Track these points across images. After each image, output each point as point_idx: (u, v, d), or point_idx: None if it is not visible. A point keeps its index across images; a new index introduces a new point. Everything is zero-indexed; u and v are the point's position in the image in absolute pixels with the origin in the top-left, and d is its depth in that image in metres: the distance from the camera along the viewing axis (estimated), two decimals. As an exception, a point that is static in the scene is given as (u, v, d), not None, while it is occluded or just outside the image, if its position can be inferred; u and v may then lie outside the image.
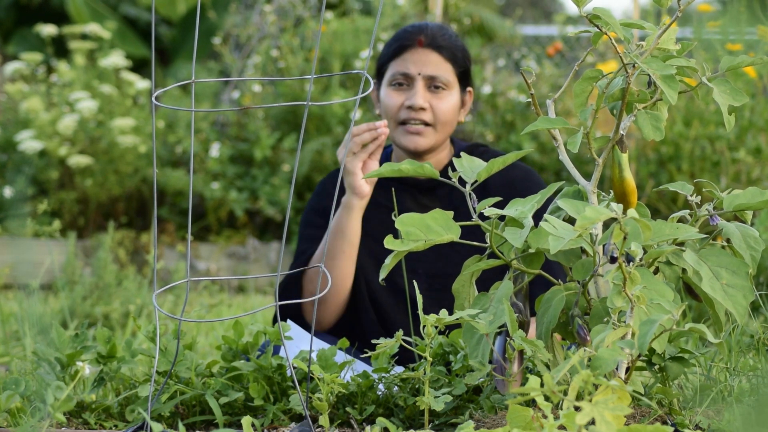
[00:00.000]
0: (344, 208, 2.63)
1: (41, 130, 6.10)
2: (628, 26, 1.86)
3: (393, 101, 2.70)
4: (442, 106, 2.68)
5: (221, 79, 1.72)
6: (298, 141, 3.94)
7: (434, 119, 2.68)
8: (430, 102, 2.68)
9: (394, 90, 2.71)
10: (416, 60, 2.69)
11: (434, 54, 2.70)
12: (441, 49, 2.70)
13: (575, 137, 1.86)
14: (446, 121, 2.69)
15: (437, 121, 2.68)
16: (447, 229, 1.88)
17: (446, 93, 2.69)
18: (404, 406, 2.01)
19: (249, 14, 7.29)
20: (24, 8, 10.51)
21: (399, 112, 2.69)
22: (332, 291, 2.65)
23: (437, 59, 2.70)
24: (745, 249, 1.82)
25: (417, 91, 2.67)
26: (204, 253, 6.04)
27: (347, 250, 2.64)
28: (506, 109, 6.21)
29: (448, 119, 2.69)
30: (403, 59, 2.70)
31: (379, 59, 2.77)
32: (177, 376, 2.09)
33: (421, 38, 2.70)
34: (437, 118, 2.68)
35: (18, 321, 3.41)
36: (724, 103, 1.86)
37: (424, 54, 2.70)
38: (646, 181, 5.73)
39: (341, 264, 2.64)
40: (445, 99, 2.69)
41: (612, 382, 1.53)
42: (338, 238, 2.64)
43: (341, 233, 2.64)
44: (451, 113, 2.70)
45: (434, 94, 2.69)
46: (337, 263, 2.64)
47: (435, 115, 2.68)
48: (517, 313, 1.88)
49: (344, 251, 2.64)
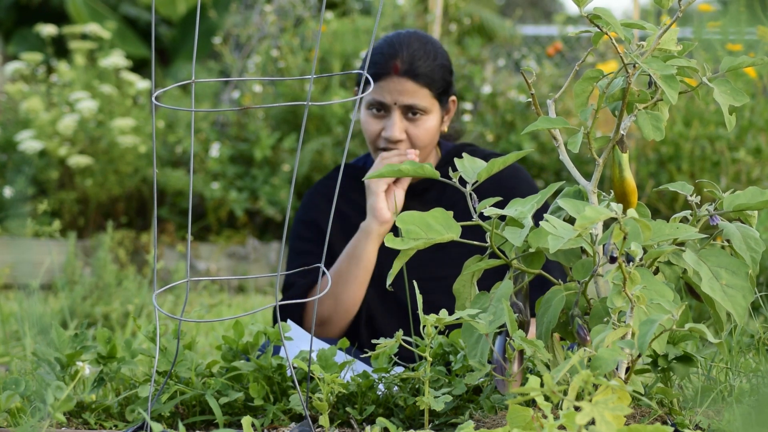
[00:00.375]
0: (363, 232, 2.60)
1: (41, 130, 6.10)
2: (629, 26, 1.86)
3: (371, 128, 2.66)
4: (419, 133, 2.64)
5: (221, 79, 1.72)
6: (298, 141, 3.94)
7: (412, 146, 2.66)
8: (407, 130, 2.64)
9: (372, 116, 2.66)
10: (392, 89, 2.63)
11: (410, 82, 2.62)
12: (417, 77, 2.62)
13: (575, 137, 1.86)
14: (426, 143, 2.67)
15: (416, 146, 2.66)
16: (447, 228, 1.88)
17: (425, 118, 2.65)
18: (404, 406, 2.01)
19: (249, 14, 7.29)
20: (24, 8, 10.52)
21: (377, 140, 2.66)
22: (340, 314, 2.63)
23: (413, 87, 2.62)
24: (746, 250, 1.82)
25: (394, 123, 2.62)
26: (204, 253, 6.04)
27: (361, 276, 2.62)
28: (506, 109, 6.21)
29: (427, 142, 2.67)
30: (379, 87, 2.63)
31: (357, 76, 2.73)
32: (177, 376, 2.09)
33: (397, 64, 2.62)
34: (415, 144, 2.65)
35: (18, 321, 3.41)
36: (725, 104, 1.86)
37: (399, 83, 2.62)
38: (646, 181, 5.73)
39: (353, 289, 2.62)
40: (423, 125, 2.65)
41: (612, 382, 1.53)
42: (353, 263, 2.61)
43: (356, 258, 2.61)
44: (429, 137, 2.66)
45: (411, 121, 2.64)
46: (349, 288, 2.62)
47: (413, 141, 2.65)
48: (517, 313, 1.88)
49: (357, 277, 2.61)
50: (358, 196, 2.74)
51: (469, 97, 6.28)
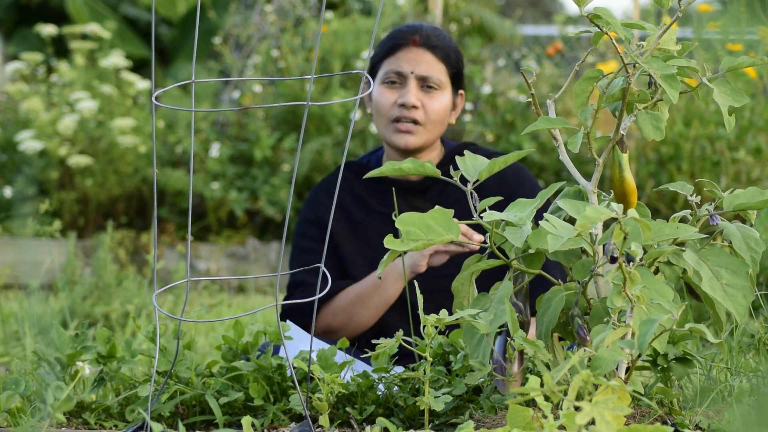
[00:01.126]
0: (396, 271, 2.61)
1: (41, 130, 6.10)
2: (629, 26, 1.86)
3: (386, 99, 2.71)
4: (434, 106, 2.69)
5: (221, 79, 1.72)
6: (298, 141, 3.94)
7: (425, 118, 2.68)
8: (422, 101, 2.68)
9: (387, 88, 2.71)
10: (410, 59, 2.70)
11: (428, 53, 2.71)
12: (435, 49, 2.71)
13: (575, 137, 1.86)
14: (437, 120, 2.70)
15: (428, 120, 2.69)
16: (447, 229, 1.88)
17: (438, 93, 2.70)
18: (404, 406, 2.01)
19: (249, 14, 7.29)
20: (24, 8, 10.52)
21: (391, 109, 2.70)
22: (350, 330, 2.64)
23: (431, 59, 2.71)
24: (746, 250, 1.82)
25: (410, 90, 2.68)
26: (204, 253, 6.05)
27: (380, 306, 2.64)
28: (506, 109, 6.21)
29: (438, 119, 2.70)
30: (396, 58, 2.71)
31: (372, 57, 2.78)
32: (177, 376, 2.09)
33: (416, 38, 2.71)
34: (428, 117, 2.69)
35: (18, 321, 3.41)
36: (724, 104, 1.86)
37: (418, 53, 2.71)
38: (646, 181, 5.73)
39: (370, 314, 2.64)
40: (437, 99, 2.70)
41: (612, 382, 1.53)
42: (376, 294, 2.63)
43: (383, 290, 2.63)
44: (442, 113, 2.71)
45: (426, 94, 2.70)
46: (366, 312, 2.64)
47: (426, 113, 2.69)
48: (517, 313, 1.88)
49: (377, 306, 2.64)
50: (364, 194, 2.75)
51: (469, 97, 6.28)
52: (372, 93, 2.76)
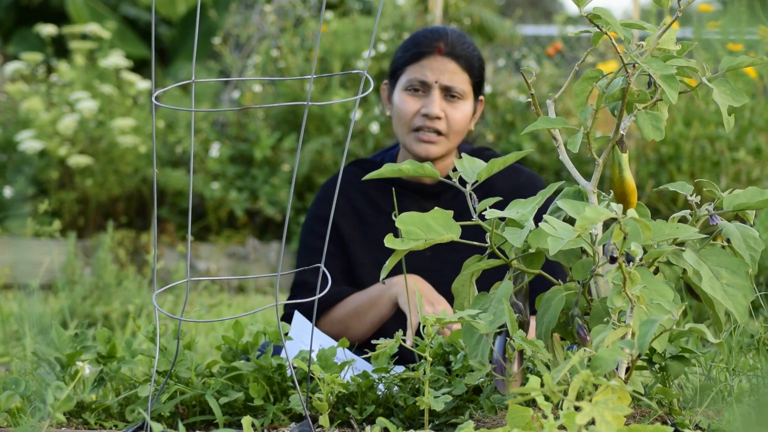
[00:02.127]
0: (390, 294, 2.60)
1: (41, 130, 6.10)
2: (629, 26, 1.86)
3: (408, 107, 2.69)
4: (457, 116, 2.68)
5: (221, 79, 1.72)
6: (298, 141, 3.94)
7: (448, 128, 2.68)
8: (445, 111, 2.67)
9: (410, 95, 2.70)
10: (434, 68, 2.68)
11: (452, 63, 2.69)
12: (459, 58, 2.69)
13: (575, 137, 1.86)
14: (459, 130, 2.70)
15: (450, 131, 2.68)
16: (447, 229, 1.88)
17: (461, 103, 2.69)
18: (404, 406, 2.01)
19: (249, 14, 7.29)
20: (24, 8, 10.51)
21: (414, 118, 2.68)
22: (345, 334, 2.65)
23: (455, 68, 2.69)
24: (745, 249, 1.82)
25: (434, 100, 2.67)
26: (204, 253, 6.04)
27: (376, 322, 2.64)
28: (506, 109, 6.21)
29: (460, 128, 2.70)
30: (420, 65, 2.69)
31: (395, 61, 2.75)
32: (177, 376, 2.09)
33: (441, 46, 2.69)
34: (451, 128, 2.68)
35: (18, 321, 3.41)
36: (724, 104, 1.86)
37: (443, 62, 2.69)
38: (646, 181, 5.73)
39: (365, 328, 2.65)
40: (460, 109, 2.69)
41: (612, 382, 1.53)
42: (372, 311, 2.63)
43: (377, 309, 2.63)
44: (464, 123, 2.70)
45: (449, 104, 2.68)
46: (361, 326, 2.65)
47: (449, 124, 2.68)
48: (517, 313, 1.88)
49: (372, 322, 2.64)
50: (375, 194, 2.74)
51: (469, 97, 6.27)
52: (393, 98, 2.74)
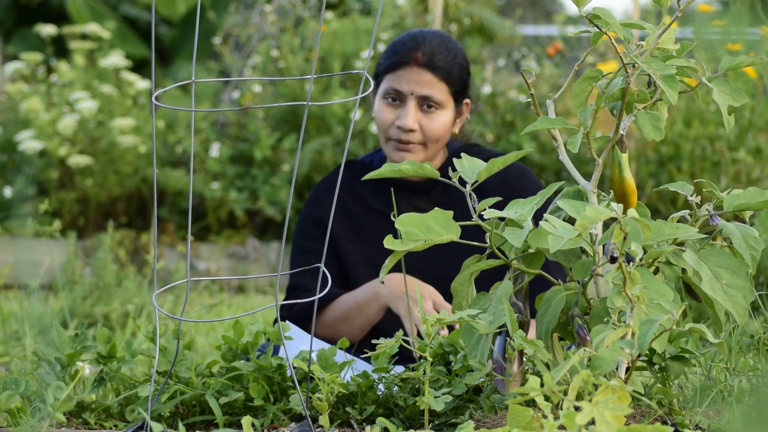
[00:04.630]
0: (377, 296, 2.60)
1: (41, 130, 6.10)
2: (628, 26, 1.86)
3: (385, 117, 2.68)
4: (432, 126, 2.66)
5: (221, 79, 1.72)
6: (298, 141, 3.94)
7: (424, 138, 2.67)
8: (420, 122, 2.65)
9: (387, 105, 2.69)
10: (410, 78, 2.66)
11: (428, 74, 2.66)
12: (436, 69, 2.66)
13: (575, 137, 1.86)
14: (437, 138, 2.68)
15: (427, 140, 2.67)
16: (447, 229, 1.88)
17: (438, 112, 2.67)
18: (404, 406, 2.01)
19: (249, 14, 7.29)
20: (24, 8, 10.52)
21: (390, 129, 2.68)
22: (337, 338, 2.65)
23: (431, 79, 2.66)
24: (745, 249, 1.82)
25: (408, 112, 2.65)
26: (204, 253, 6.05)
27: (364, 326, 2.64)
28: (506, 109, 6.21)
29: (438, 137, 2.68)
30: (396, 75, 2.67)
31: (377, 65, 2.75)
32: (177, 376, 2.09)
33: (418, 56, 2.66)
34: (427, 137, 2.67)
35: (18, 321, 3.41)
36: (724, 104, 1.86)
37: (418, 73, 2.66)
38: (646, 181, 5.73)
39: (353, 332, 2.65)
40: (437, 119, 2.66)
41: (612, 382, 1.53)
42: (360, 315, 2.63)
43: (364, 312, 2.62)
44: (441, 131, 2.68)
45: (425, 114, 2.66)
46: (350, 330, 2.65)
47: (425, 134, 2.66)
48: (517, 313, 1.88)
49: (361, 326, 2.64)
50: (365, 193, 2.74)
51: (469, 97, 6.27)
52: (374, 103, 2.73)
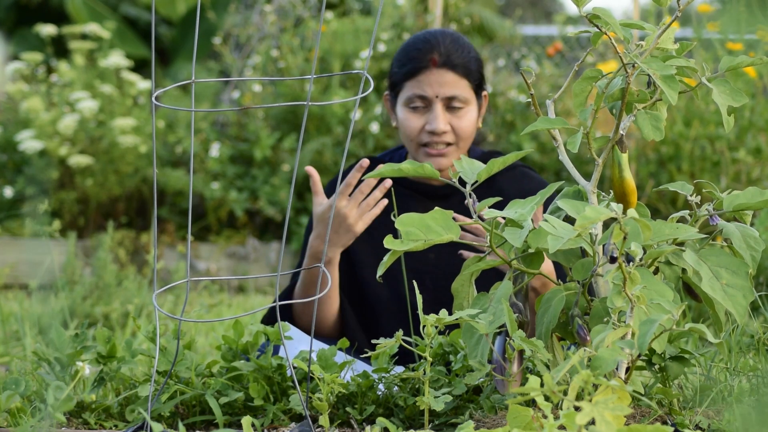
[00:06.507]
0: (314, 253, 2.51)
1: (41, 130, 6.10)
2: (628, 26, 1.86)
3: (413, 125, 2.64)
4: (463, 125, 2.64)
5: (221, 79, 1.72)
6: (298, 141, 3.94)
7: (456, 138, 2.64)
8: (450, 123, 2.63)
9: (412, 113, 2.65)
10: (432, 81, 2.63)
11: (450, 73, 2.63)
12: (456, 67, 2.63)
13: (575, 137, 1.86)
14: (467, 136, 2.66)
15: (459, 139, 2.65)
16: (447, 229, 1.88)
17: (465, 110, 2.65)
18: (404, 406, 2.01)
19: (249, 14, 7.29)
20: (24, 8, 10.51)
21: (419, 135, 2.64)
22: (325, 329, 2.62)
23: (453, 78, 2.63)
24: (745, 249, 1.82)
25: (437, 116, 2.62)
26: (204, 253, 6.05)
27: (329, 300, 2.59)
28: (506, 109, 6.21)
29: (469, 134, 2.66)
30: (418, 81, 2.64)
31: (392, 75, 2.70)
32: (177, 376, 2.09)
33: (435, 57, 2.63)
34: (459, 137, 2.64)
35: (18, 321, 3.41)
36: (724, 104, 1.86)
37: (440, 75, 2.63)
38: (646, 181, 5.73)
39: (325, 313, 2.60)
40: (465, 117, 2.65)
41: (612, 382, 1.53)
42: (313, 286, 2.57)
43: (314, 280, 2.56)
44: (471, 128, 2.66)
45: (454, 114, 2.64)
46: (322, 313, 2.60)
47: (456, 134, 2.64)
48: (516, 313, 1.89)
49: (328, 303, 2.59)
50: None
51: (469, 97, 6.27)
52: (397, 112, 2.69)
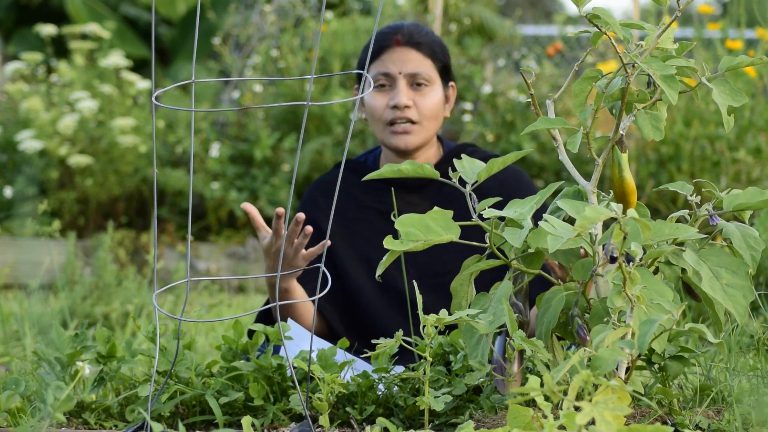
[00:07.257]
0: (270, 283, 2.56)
1: (41, 129, 6.10)
2: (628, 26, 1.86)
3: (377, 103, 2.72)
4: (426, 102, 2.70)
5: (221, 79, 1.72)
6: (298, 141, 3.94)
7: (419, 116, 2.69)
8: (413, 99, 2.69)
9: (377, 92, 2.72)
10: (395, 59, 2.71)
11: (413, 51, 2.72)
12: (419, 45, 2.72)
13: (575, 137, 1.86)
14: (432, 116, 2.71)
15: (423, 118, 2.70)
16: (446, 229, 1.88)
17: (429, 89, 2.71)
18: (404, 406, 2.01)
19: (249, 14, 7.29)
20: (24, 8, 10.51)
21: (384, 112, 2.71)
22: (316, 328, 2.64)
23: (416, 56, 2.71)
24: (745, 249, 1.82)
25: (400, 90, 2.69)
26: (204, 253, 6.04)
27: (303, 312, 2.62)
28: (506, 109, 6.21)
29: (433, 114, 2.71)
30: (382, 60, 2.72)
31: (358, 64, 2.79)
32: (177, 376, 2.09)
33: (398, 37, 2.72)
34: (422, 115, 2.70)
35: (18, 321, 3.41)
36: (724, 104, 1.86)
37: (403, 52, 2.71)
38: (646, 181, 5.73)
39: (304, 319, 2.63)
40: (429, 95, 2.71)
41: (612, 382, 1.53)
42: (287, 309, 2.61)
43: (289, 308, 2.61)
44: (435, 108, 2.72)
45: (417, 92, 2.70)
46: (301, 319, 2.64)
47: (420, 111, 2.69)
48: (516, 313, 1.89)
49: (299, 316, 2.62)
50: (358, 192, 2.75)
51: (469, 97, 6.28)
52: (365, 98, 2.76)
